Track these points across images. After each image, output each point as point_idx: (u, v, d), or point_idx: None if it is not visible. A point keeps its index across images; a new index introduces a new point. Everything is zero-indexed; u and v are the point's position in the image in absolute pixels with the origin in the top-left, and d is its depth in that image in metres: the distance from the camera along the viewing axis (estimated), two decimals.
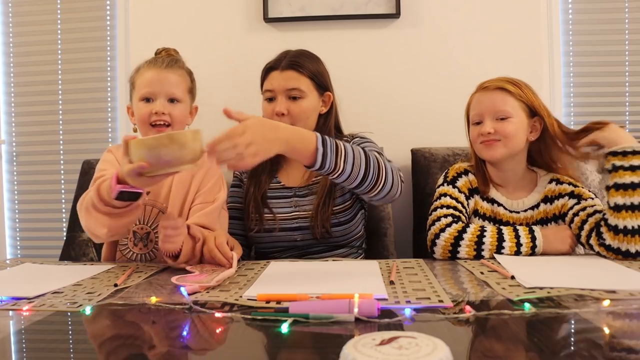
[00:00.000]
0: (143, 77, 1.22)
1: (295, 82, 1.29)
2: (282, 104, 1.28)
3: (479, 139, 1.20)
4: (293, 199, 1.32)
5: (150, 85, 1.20)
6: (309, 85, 1.31)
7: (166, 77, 1.22)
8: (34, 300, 0.79)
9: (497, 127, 1.17)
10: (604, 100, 1.86)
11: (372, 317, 0.66)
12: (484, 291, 0.81)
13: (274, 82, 1.30)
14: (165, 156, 0.86)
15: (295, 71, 1.29)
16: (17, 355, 0.60)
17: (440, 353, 0.44)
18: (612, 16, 1.85)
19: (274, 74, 1.31)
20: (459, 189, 1.24)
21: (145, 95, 1.20)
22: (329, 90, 1.36)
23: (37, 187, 2.01)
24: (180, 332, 0.67)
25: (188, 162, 0.88)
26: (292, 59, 1.31)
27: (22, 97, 2.00)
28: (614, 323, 0.64)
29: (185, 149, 0.87)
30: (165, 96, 1.20)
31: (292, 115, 1.28)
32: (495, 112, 1.18)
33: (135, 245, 1.21)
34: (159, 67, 1.23)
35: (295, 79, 1.29)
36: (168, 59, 1.27)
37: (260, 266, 1.05)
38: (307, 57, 1.35)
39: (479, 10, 1.81)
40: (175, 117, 1.21)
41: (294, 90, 1.29)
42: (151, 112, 1.18)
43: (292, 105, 1.29)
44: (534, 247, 1.10)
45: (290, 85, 1.29)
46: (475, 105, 1.23)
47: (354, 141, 1.31)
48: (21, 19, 1.99)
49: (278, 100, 1.29)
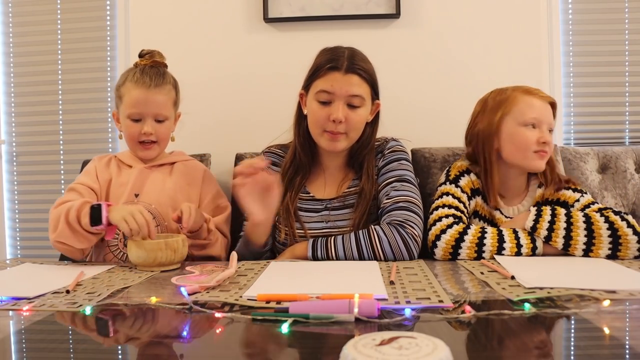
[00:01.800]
0: (130, 95, 1.27)
1: (358, 89, 1.18)
2: (341, 110, 1.17)
3: (535, 146, 1.18)
4: (324, 212, 1.25)
5: (137, 106, 1.27)
6: (368, 93, 1.21)
7: (154, 98, 1.27)
8: (34, 300, 0.79)
9: (549, 140, 1.19)
10: (604, 101, 1.86)
11: (372, 317, 0.66)
12: (484, 291, 0.81)
13: (334, 84, 1.17)
14: (160, 258, 1.03)
15: (359, 76, 1.18)
16: (17, 355, 0.60)
17: (440, 353, 0.44)
18: (612, 16, 1.85)
19: (336, 75, 1.18)
20: (462, 189, 1.24)
21: (133, 116, 1.28)
22: (378, 97, 1.27)
23: (37, 187, 2.01)
24: (180, 332, 0.67)
25: (176, 263, 1.06)
26: (354, 61, 1.19)
27: (22, 97, 2.00)
28: (614, 323, 0.64)
29: (176, 253, 1.05)
30: (153, 117, 1.29)
31: (349, 123, 1.19)
32: (548, 124, 1.20)
33: (125, 246, 1.24)
34: (146, 87, 1.27)
35: (358, 85, 1.18)
36: (154, 74, 1.29)
37: (260, 266, 1.05)
38: (364, 60, 1.23)
39: (479, 11, 1.81)
40: (161, 135, 1.31)
41: (356, 98, 1.18)
42: (140, 132, 1.28)
43: (350, 113, 1.19)
44: (534, 248, 1.10)
45: (353, 92, 1.18)
46: (531, 108, 1.19)
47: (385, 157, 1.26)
48: (21, 19, 1.99)
49: (336, 105, 1.18)
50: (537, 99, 1.21)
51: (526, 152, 1.19)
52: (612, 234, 1.05)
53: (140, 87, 1.26)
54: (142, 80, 1.27)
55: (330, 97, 1.19)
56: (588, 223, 1.07)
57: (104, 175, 1.31)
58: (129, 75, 1.29)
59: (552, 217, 1.09)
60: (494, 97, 1.25)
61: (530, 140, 1.19)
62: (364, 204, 1.22)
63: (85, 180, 1.29)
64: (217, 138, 1.83)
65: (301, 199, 1.28)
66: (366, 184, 1.24)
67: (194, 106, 1.84)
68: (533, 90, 1.23)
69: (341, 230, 1.22)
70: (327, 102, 1.19)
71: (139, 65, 1.31)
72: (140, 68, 1.30)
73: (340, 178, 1.30)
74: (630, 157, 1.68)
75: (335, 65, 1.18)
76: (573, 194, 1.23)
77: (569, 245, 1.07)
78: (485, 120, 1.24)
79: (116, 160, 1.36)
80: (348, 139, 1.23)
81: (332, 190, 1.28)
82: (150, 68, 1.31)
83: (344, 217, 1.24)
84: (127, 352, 0.61)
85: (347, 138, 1.22)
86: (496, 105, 1.23)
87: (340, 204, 1.25)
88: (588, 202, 1.20)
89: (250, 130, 1.84)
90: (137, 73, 1.28)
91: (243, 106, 1.85)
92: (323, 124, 1.20)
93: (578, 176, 1.64)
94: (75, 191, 1.24)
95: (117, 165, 1.35)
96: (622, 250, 1.05)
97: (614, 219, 1.07)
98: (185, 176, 1.35)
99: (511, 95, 1.22)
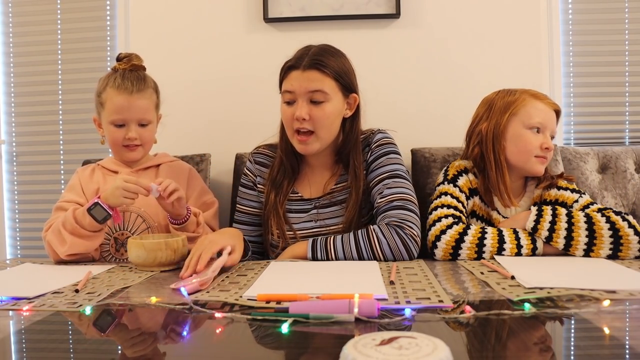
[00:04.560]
0: (112, 102, 1.27)
1: (319, 84, 1.16)
2: (303, 108, 1.16)
3: (538, 151, 1.20)
4: (313, 211, 1.25)
5: (120, 112, 1.27)
6: (333, 87, 1.18)
7: (136, 103, 1.28)
8: (34, 300, 0.79)
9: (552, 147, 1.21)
10: (604, 101, 1.86)
11: (372, 317, 0.66)
12: (484, 291, 0.81)
13: (294, 82, 1.17)
14: (160, 258, 1.03)
15: (319, 71, 1.16)
16: (17, 355, 0.60)
17: (440, 353, 0.44)
18: (612, 16, 1.85)
19: (295, 74, 1.18)
20: (460, 189, 1.24)
21: (117, 122, 1.29)
22: (354, 91, 1.24)
23: (37, 187, 2.01)
24: (180, 332, 0.67)
25: (176, 263, 1.06)
26: (315, 57, 1.17)
27: (22, 97, 2.00)
28: (614, 323, 0.64)
29: (176, 253, 1.05)
30: (137, 122, 1.30)
31: (314, 120, 1.17)
32: (552, 130, 1.22)
33: (117, 251, 1.26)
34: (128, 92, 1.27)
35: (318, 80, 1.16)
36: (135, 79, 1.29)
37: (260, 266, 1.05)
38: (331, 54, 1.21)
39: (479, 11, 1.81)
40: (145, 138, 1.32)
41: (317, 93, 1.16)
42: (124, 137, 1.29)
43: (314, 110, 1.17)
44: (534, 248, 1.10)
45: (312, 87, 1.16)
46: (537, 112, 1.20)
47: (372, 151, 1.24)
48: (21, 19, 1.99)
49: (299, 103, 1.17)
50: (544, 104, 1.22)
51: (528, 155, 1.20)
52: (613, 234, 1.05)
53: (122, 93, 1.26)
54: (124, 85, 1.26)
55: (293, 97, 1.18)
56: (589, 223, 1.07)
57: (90, 186, 1.32)
58: (109, 81, 1.28)
59: (553, 217, 1.09)
60: (502, 97, 1.25)
61: (534, 145, 1.19)
62: (353, 201, 1.21)
63: (71, 197, 1.29)
64: (216, 138, 1.83)
65: (290, 199, 1.27)
66: (354, 180, 1.23)
67: (194, 106, 1.84)
68: (540, 96, 1.24)
69: (331, 229, 1.22)
70: (291, 102, 1.19)
71: (118, 69, 1.30)
72: (120, 73, 1.29)
73: (327, 176, 1.28)
74: (630, 157, 1.68)
75: (293, 64, 1.19)
76: (572, 194, 1.23)
77: (570, 245, 1.07)
78: (493, 120, 1.24)
79: (100, 169, 1.37)
80: (318, 139, 1.20)
81: (319, 189, 1.27)
82: (130, 72, 1.30)
83: (333, 214, 1.24)
84: (127, 353, 0.61)
85: (317, 137, 1.19)
86: (504, 106, 1.23)
87: (328, 202, 1.25)
88: (587, 202, 1.20)
89: (250, 130, 1.83)
90: (117, 78, 1.27)
91: (243, 106, 1.85)
92: (291, 124, 1.19)
93: (578, 176, 1.64)
94: (63, 209, 1.24)
95: (102, 174, 1.35)
96: (623, 251, 1.05)
97: (615, 219, 1.07)
98: (171, 177, 1.33)
99: (520, 97, 1.23)
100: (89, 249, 1.17)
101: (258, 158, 1.35)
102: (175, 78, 1.82)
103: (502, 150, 1.22)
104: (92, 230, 1.13)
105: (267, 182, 1.29)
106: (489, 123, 1.24)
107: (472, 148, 1.27)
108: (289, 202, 1.27)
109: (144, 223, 1.28)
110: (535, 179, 1.28)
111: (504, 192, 1.21)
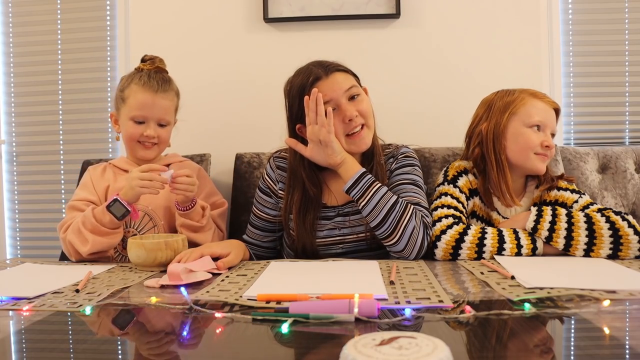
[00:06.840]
0: (136, 97, 1.29)
1: (348, 81, 1.19)
2: (350, 106, 1.17)
3: (538, 148, 1.20)
4: (336, 219, 1.23)
5: (143, 109, 1.28)
6: (355, 80, 1.22)
7: (159, 103, 1.30)
8: (34, 300, 0.79)
9: (552, 144, 1.21)
10: (604, 101, 1.86)
11: (372, 317, 0.66)
12: (484, 291, 0.81)
13: (327, 90, 1.15)
14: (160, 258, 1.03)
15: (339, 71, 1.19)
16: (17, 355, 0.60)
17: (440, 353, 0.44)
18: (612, 16, 1.85)
19: (323, 84, 1.16)
20: (460, 189, 1.24)
21: (138, 118, 1.29)
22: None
23: (37, 187, 2.01)
24: (180, 332, 0.67)
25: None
26: (325, 63, 1.20)
27: (22, 97, 2.00)
28: (614, 323, 0.64)
29: (176, 253, 1.04)
30: (157, 121, 1.31)
31: (361, 113, 1.18)
32: (552, 129, 1.23)
33: (124, 249, 1.25)
34: (153, 90, 1.29)
35: (345, 78, 1.19)
36: (161, 79, 1.31)
37: (260, 266, 1.05)
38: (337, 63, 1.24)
39: (479, 11, 1.81)
40: (162, 138, 1.33)
41: (352, 88, 1.18)
42: (142, 134, 1.30)
43: (358, 104, 1.18)
44: (534, 249, 1.10)
45: (346, 85, 1.17)
46: (537, 111, 1.21)
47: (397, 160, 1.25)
48: (21, 19, 1.99)
49: (342, 105, 1.16)
50: (543, 103, 1.23)
51: (529, 153, 1.20)
52: (613, 234, 1.05)
53: (147, 90, 1.28)
54: (150, 84, 1.29)
55: (334, 104, 1.16)
56: (589, 223, 1.07)
57: (101, 184, 1.33)
58: (134, 78, 1.30)
59: (553, 218, 1.09)
60: (502, 97, 1.26)
61: (534, 142, 1.20)
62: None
63: (83, 195, 1.30)
64: (217, 138, 1.83)
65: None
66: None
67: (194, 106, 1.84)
68: (539, 95, 1.24)
69: (355, 237, 1.21)
70: (334, 109, 1.16)
71: (143, 69, 1.33)
72: (146, 72, 1.32)
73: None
74: (630, 157, 1.68)
75: (316, 76, 1.17)
76: (571, 195, 1.23)
77: (570, 245, 1.07)
78: (492, 120, 1.24)
79: (111, 167, 1.38)
80: (370, 128, 1.21)
81: (343, 196, 1.23)
82: (156, 73, 1.32)
83: (357, 222, 1.21)
84: (127, 352, 0.61)
85: (369, 128, 1.21)
86: (504, 105, 1.24)
87: (351, 209, 1.22)
88: (587, 202, 1.20)
89: (250, 130, 1.84)
90: (143, 77, 1.30)
91: (243, 106, 1.85)
92: (344, 128, 1.17)
93: (578, 176, 1.64)
94: (76, 209, 1.26)
95: (113, 173, 1.36)
96: (623, 251, 1.05)
97: (615, 219, 1.07)
98: None
99: (519, 97, 1.23)
100: (110, 246, 1.19)
101: (280, 163, 1.30)
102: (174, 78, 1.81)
103: (503, 149, 1.22)
104: (112, 227, 1.16)
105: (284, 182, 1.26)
106: (489, 123, 1.24)
107: (472, 149, 1.27)
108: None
109: (150, 221, 1.29)
110: (536, 179, 1.28)
111: (505, 192, 1.20)
